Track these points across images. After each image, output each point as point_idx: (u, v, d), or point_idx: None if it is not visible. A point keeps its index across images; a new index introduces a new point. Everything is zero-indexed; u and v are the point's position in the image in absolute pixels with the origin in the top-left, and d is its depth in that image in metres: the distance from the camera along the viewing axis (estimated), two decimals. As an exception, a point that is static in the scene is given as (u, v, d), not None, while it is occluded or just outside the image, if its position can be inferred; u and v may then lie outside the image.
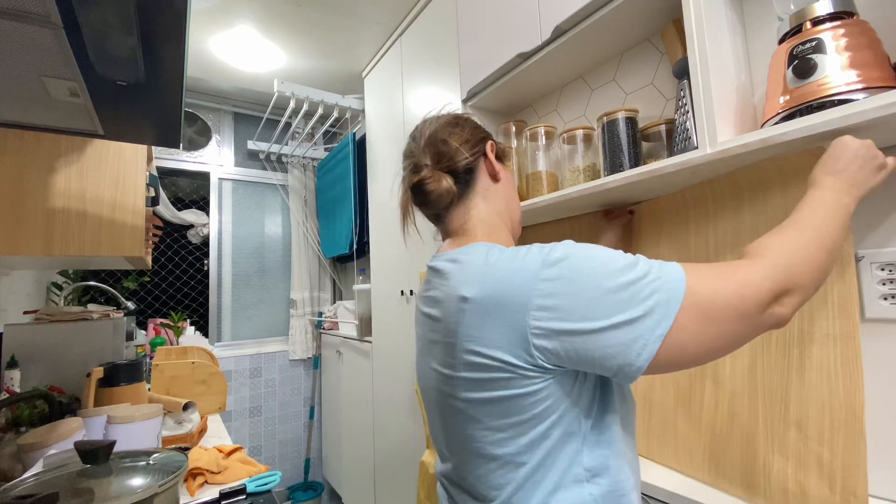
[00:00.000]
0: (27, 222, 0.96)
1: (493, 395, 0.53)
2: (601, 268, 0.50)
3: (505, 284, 0.52)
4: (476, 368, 0.54)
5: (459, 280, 0.57)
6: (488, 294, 0.53)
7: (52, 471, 0.66)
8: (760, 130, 0.73)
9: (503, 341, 0.51)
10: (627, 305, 0.47)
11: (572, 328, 0.48)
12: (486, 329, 0.53)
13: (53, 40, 0.56)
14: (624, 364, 0.48)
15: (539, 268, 0.51)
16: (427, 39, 1.71)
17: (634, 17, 1.02)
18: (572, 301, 0.49)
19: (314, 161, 3.05)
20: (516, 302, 0.51)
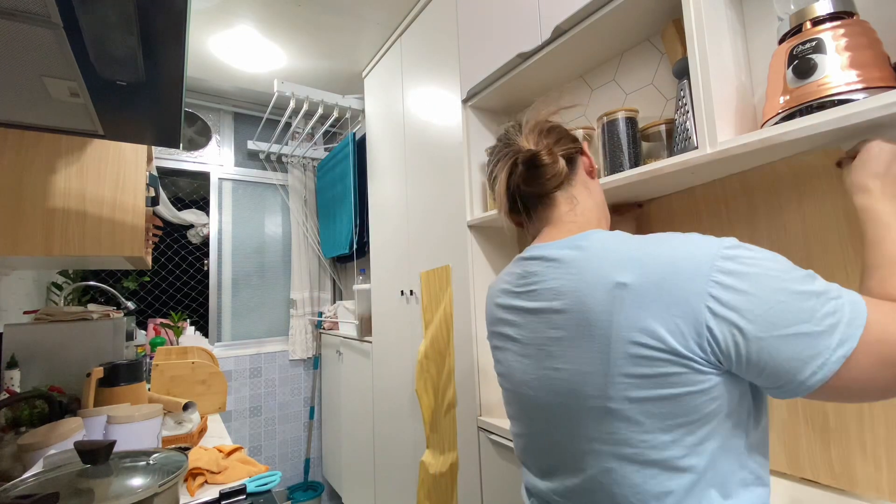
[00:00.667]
0: (27, 222, 0.96)
1: (661, 392, 0.48)
2: (784, 272, 0.46)
3: (674, 268, 0.48)
4: (642, 362, 0.48)
5: (601, 265, 0.52)
6: (653, 278, 0.48)
7: (52, 471, 0.66)
8: (760, 130, 0.73)
9: (675, 329, 0.46)
10: (811, 316, 0.44)
11: (751, 330, 0.45)
12: (653, 316, 0.47)
13: (53, 40, 0.56)
14: (794, 379, 0.44)
15: (715, 255, 0.47)
16: (427, 39, 1.71)
17: (634, 17, 1.02)
18: (753, 299, 0.45)
19: (314, 161, 3.05)
20: (690, 287, 0.46)
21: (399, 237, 1.91)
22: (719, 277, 0.46)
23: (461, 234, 1.47)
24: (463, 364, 1.45)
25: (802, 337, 0.44)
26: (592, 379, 0.52)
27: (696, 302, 0.46)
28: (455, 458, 1.48)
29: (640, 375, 0.48)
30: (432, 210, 1.66)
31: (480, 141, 1.48)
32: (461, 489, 1.46)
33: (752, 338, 0.45)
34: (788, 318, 0.44)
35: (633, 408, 0.49)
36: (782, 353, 0.44)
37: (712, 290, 0.46)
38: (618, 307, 0.49)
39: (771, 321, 0.44)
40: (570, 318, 0.54)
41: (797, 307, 0.44)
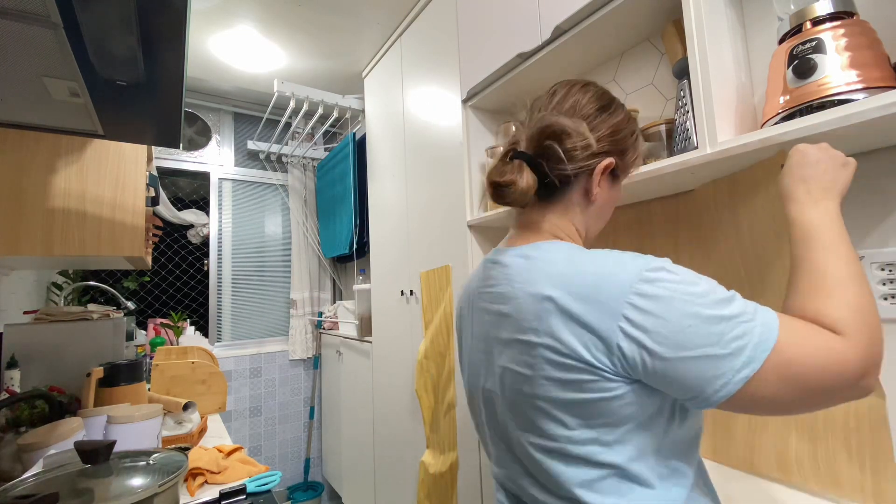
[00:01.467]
0: (27, 222, 0.97)
1: (578, 396, 0.52)
2: (699, 296, 0.48)
3: (595, 288, 0.51)
4: (560, 368, 0.52)
5: (537, 277, 0.56)
6: (576, 295, 0.52)
7: (52, 471, 0.66)
8: (760, 130, 0.73)
9: (588, 343, 0.50)
10: (718, 339, 0.46)
11: (658, 350, 0.48)
12: (571, 330, 0.51)
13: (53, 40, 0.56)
14: (698, 395, 0.48)
15: (635, 279, 0.50)
16: (427, 39, 1.71)
17: (634, 17, 1.02)
18: (664, 324, 0.48)
19: (314, 161, 3.05)
20: (606, 307, 0.50)
21: (399, 237, 1.91)
22: (634, 300, 0.49)
23: (461, 234, 1.47)
24: (463, 364, 1.45)
25: (707, 359, 0.47)
26: (526, 380, 0.56)
27: (609, 321, 0.50)
28: (455, 458, 1.48)
29: (559, 380, 0.53)
30: (432, 210, 1.66)
31: (480, 141, 1.48)
32: (461, 489, 1.46)
33: (658, 358, 0.48)
34: (695, 341, 0.47)
35: (557, 408, 0.54)
36: (687, 373, 0.47)
37: (626, 312, 0.49)
38: (544, 318, 0.53)
39: (678, 343, 0.47)
40: (510, 322, 0.58)
41: (705, 331, 0.47)
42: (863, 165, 0.79)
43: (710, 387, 0.47)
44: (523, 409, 0.58)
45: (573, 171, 0.61)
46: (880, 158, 0.77)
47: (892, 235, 0.76)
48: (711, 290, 0.49)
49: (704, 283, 0.50)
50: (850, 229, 0.79)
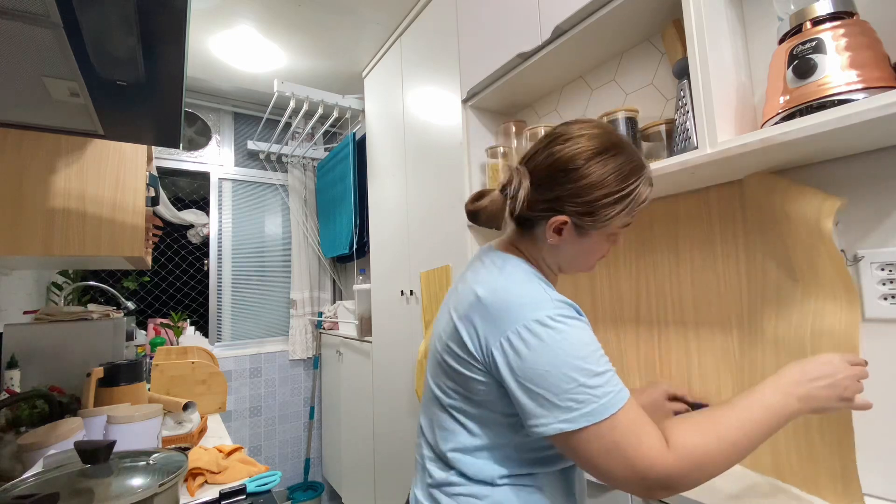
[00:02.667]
0: (27, 222, 0.96)
1: (456, 367, 0.64)
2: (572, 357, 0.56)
3: (506, 304, 0.60)
4: (454, 343, 0.65)
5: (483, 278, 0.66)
6: (491, 302, 0.62)
7: (52, 471, 0.66)
8: (760, 130, 0.73)
9: (474, 336, 0.62)
10: (558, 392, 0.55)
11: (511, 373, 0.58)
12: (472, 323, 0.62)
13: (53, 40, 0.56)
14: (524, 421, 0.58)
15: (531, 317, 0.58)
16: (427, 39, 1.71)
17: (634, 17, 1.02)
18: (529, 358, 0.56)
19: (314, 161, 3.05)
20: (501, 324, 0.59)
21: (399, 237, 1.91)
22: (521, 331, 0.57)
23: (461, 234, 1.47)
24: (463, 364, 1.45)
25: (542, 399, 0.56)
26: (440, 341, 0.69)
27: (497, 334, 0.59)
28: (455, 458, 1.48)
29: (452, 351, 0.65)
30: (432, 210, 1.66)
31: (480, 141, 1.48)
32: (461, 489, 1.46)
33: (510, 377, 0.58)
34: (541, 383, 0.56)
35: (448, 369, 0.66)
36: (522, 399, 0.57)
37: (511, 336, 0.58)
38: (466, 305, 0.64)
39: (529, 377, 0.56)
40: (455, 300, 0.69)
41: (554, 381, 0.55)
42: (863, 165, 0.79)
43: (532, 420, 0.56)
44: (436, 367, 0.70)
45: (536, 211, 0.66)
46: (880, 158, 0.77)
47: (892, 235, 0.76)
48: (585, 357, 0.56)
49: (583, 349, 0.57)
50: (850, 229, 0.80)
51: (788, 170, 0.87)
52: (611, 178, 0.63)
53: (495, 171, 1.36)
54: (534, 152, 0.68)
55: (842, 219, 0.81)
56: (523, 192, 0.65)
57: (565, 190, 0.64)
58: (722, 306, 0.97)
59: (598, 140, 0.64)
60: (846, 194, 0.80)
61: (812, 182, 0.84)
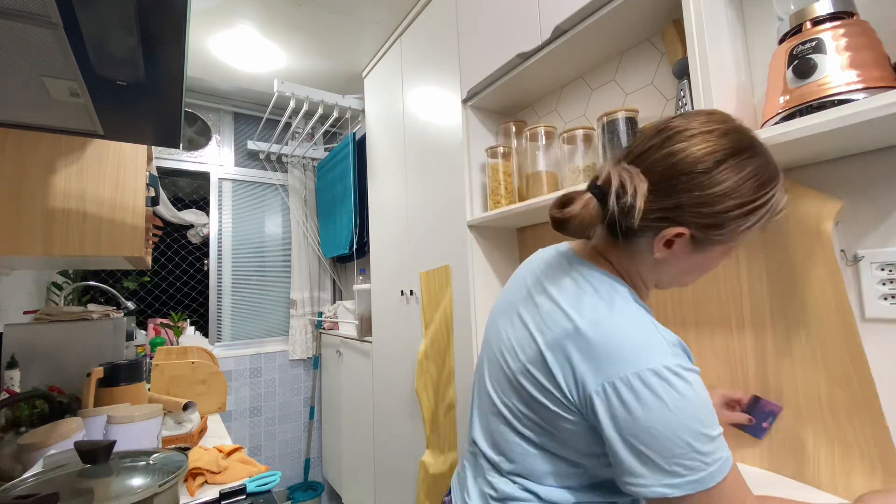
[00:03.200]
0: (27, 222, 0.96)
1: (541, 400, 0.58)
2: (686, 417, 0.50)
3: (615, 345, 0.53)
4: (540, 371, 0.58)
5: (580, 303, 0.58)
6: (595, 338, 0.54)
7: (52, 471, 0.66)
8: (760, 130, 0.73)
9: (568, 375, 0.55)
10: (670, 455, 0.49)
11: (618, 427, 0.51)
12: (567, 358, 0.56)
13: (53, 40, 0.55)
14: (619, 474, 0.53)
15: (647, 366, 0.51)
16: (427, 39, 1.71)
17: (634, 17, 1.02)
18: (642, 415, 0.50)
19: (314, 161, 3.05)
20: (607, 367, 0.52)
21: (399, 237, 1.91)
22: (634, 381, 0.51)
23: (461, 234, 1.47)
24: (463, 364, 1.45)
25: (645, 458, 0.50)
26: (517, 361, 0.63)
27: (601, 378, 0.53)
28: (455, 458, 1.48)
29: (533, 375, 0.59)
30: (432, 210, 1.66)
31: (480, 141, 1.48)
32: (461, 489, 1.46)
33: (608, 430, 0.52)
34: (651, 443, 0.50)
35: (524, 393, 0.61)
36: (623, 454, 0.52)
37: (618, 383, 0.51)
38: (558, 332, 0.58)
39: (637, 433, 0.50)
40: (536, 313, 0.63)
41: (666, 444, 0.50)
42: (863, 165, 0.79)
43: (630, 477, 0.51)
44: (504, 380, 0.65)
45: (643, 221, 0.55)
46: (880, 158, 0.77)
47: (892, 235, 0.76)
48: (702, 420, 0.50)
49: (700, 413, 0.51)
50: (850, 229, 0.80)
51: (788, 170, 0.87)
52: (748, 184, 0.53)
53: (495, 171, 1.36)
54: (645, 149, 0.57)
55: (842, 219, 0.81)
56: (640, 199, 0.54)
57: (691, 198, 0.53)
58: (722, 306, 0.97)
59: (732, 139, 0.54)
60: (846, 194, 0.80)
61: (812, 182, 0.84)
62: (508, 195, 1.34)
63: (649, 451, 0.50)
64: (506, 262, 1.50)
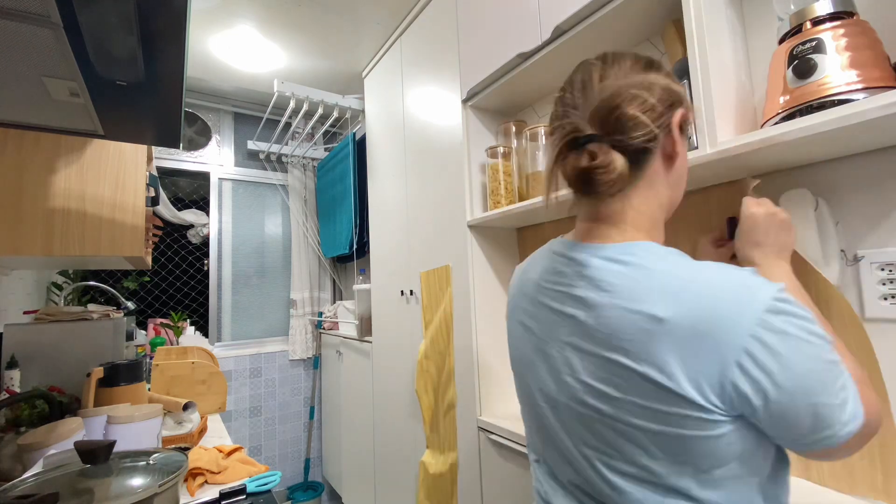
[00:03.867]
0: (27, 222, 0.96)
1: (671, 430, 0.46)
2: (818, 337, 0.44)
3: (714, 311, 0.45)
4: (656, 399, 0.46)
5: (638, 291, 0.49)
6: (690, 318, 0.45)
7: (52, 471, 0.66)
8: (760, 130, 0.73)
9: (696, 376, 0.44)
10: (831, 387, 0.44)
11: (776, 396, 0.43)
12: (680, 359, 0.45)
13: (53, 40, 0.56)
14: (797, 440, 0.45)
15: (761, 309, 0.44)
16: (427, 39, 1.71)
17: (634, 17, 1.02)
18: (788, 365, 0.43)
19: (314, 161, 3.05)
20: (726, 338, 0.44)
21: (399, 237, 1.91)
22: (761, 333, 0.43)
23: (461, 234, 1.47)
24: (463, 364, 1.45)
25: (822, 408, 0.43)
26: (609, 400, 0.50)
27: (728, 356, 0.44)
28: (455, 458, 1.48)
29: (651, 409, 0.47)
30: (432, 210, 1.66)
31: (480, 141, 1.48)
32: (461, 489, 1.46)
33: (773, 400, 0.43)
34: (815, 387, 0.43)
35: (641, 435, 0.48)
36: (799, 419, 0.44)
37: (750, 346, 0.43)
38: (643, 338, 0.47)
39: (798, 388, 0.43)
40: (587, 331, 0.52)
41: (822, 378, 0.44)
42: (863, 165, 0.79)
43: (816, 435, 0.44)
44: (598, 428, 0.52)
45: (653, 132, 0.53)
46: (880, 158, 0.77)
47: (892, 235, 0.76)
48: (822, 328, 0.45)
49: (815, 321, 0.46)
50: (850, 229, 0.80)
51: (789, 170, 0.87)
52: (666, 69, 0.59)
53: (495, 171, 1.36)
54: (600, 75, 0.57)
55: (842, 219, 0.81)
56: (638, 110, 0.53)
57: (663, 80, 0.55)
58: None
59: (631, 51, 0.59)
60: (846, 194, 0.80)
61: (812, 182, 0.84)
62: (508, 195, 1.34)
63: (815, 399, 0.43)
64: (506, 262, 1.50)
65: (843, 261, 0.80)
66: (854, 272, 0.80)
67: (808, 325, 0.44)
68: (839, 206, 0.81)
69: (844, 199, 0.81)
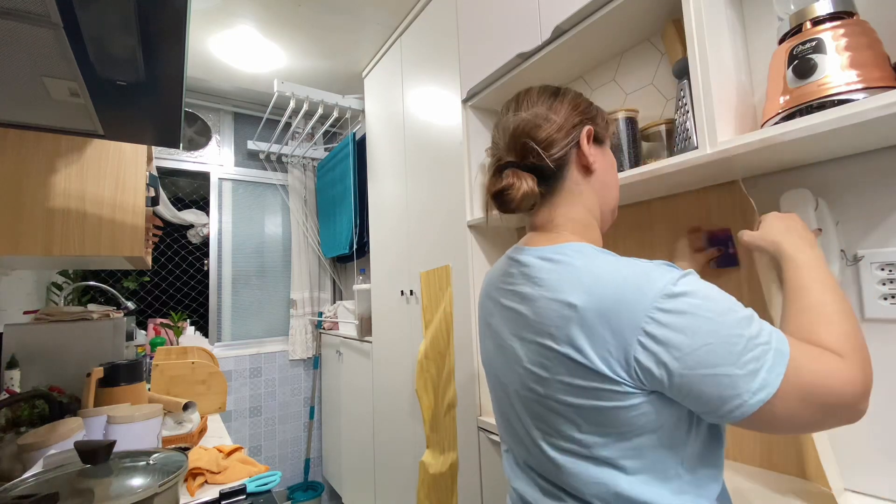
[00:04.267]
0: (27, 222, 0.96)
1: (592, 403, 0.53)
2: (719, 314, 0.48)
3: (616, 298, 0.51)
4: (576, 373, 0.53)
5: (560, 283, 0.56)
6: (597, 305, 0.51)
7: (52, 471, 0.66)
8: (760, 130, 0.73)
9: (604, 354, 0.51)
10: (736, 359, 0.47)
11: (675, 367, 0.48)
12: (590, 339, 0.52)
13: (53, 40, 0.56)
14: (716, 411, 0.48)
15: (658, 294, 0.49)
16: (427, 39, 1.71)
17: (634, 17, 1.02)
18: (683, 340, 0.48)
19: (314, 161, 3.05)
20: (627, 321, 0.50)
21: (399, 237, 1.91)
22: (657, 315, 0.49)
23: (461, 234, 1.47)
24: (463, 364, 1.45)
25: (724, 378, 0.47)
26: (541, 380, 0.57)
27: (629, 335, 0.49)
28: (455, 458, 1.48)
29: (574, 386, 0.54)
30: (432, 210, 1.66)
31: (480, 141, 1.48)
32: (461, 489, 1.46)
33: (675, 373, 0.48)
34: (713, 360, 0.47)
35: (570, 410, 0.55)
36: (704, 390, 0.48)
37: (647, 326, 0.49)
38: (562, 323, 0.54)
39: (696, 361, 0.47)
40: (528, 323, 0.59)
41: (724, 350, 0.47)
42: (863, 165, 0.79)
43: (727, 406, 0.47)
44: (537, 409, 0.59)
45: (561, 149, 0.63)
46: (880, 158, 0.77)
47: (892, 235, 0.76)
48: (732, 308, 0.49)
49: (725, 301, 0.50)
50: (850, 229, 0.80)
51: (788, 170, 0.87)
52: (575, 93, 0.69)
53: (495, 171, 1.36)
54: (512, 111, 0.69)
55: (842, 219, 0.81)
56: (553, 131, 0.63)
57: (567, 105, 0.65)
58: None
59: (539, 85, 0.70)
60: (846, 194, 0.80)
61: (812, 182, 0.84)
62: (508, 195, 1.34)
63: (718, 370, 0.47)
64: (506, 262, 1.50)
65: (843, 261, 0.80)
66: (854, 272, 0.80)
67: (706, 304, 0.49)
68: (839, 206, 0.81)
69: (844, 199, 0.81)
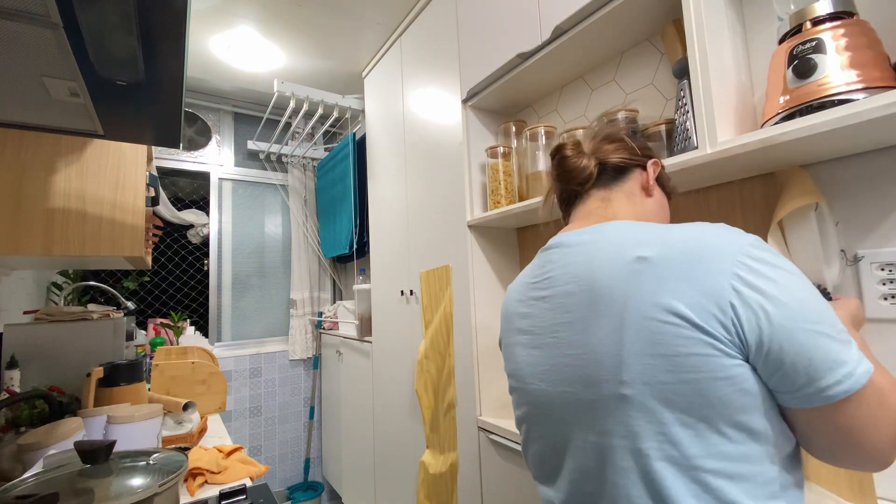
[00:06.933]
0: (27, 222, 0.96)
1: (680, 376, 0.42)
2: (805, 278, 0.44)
3: (699, 244, 0.45)
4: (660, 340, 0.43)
5: (620, 242, 0.50)
6: (676, 252, 0.45)
7: (52, 471, 0.66)
8: (760, 130, 0.73)
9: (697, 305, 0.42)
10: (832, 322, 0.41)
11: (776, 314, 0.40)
12: (674, 291, 0.44)
13: (53, 40, 0.56)
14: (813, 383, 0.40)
15: (745, 243, 0.44)
16: (427, 40, 1.71)
17: (634, 17, 1.02)
18: (780, 286, 0.41)
19: (314, 161, 3.05)
20: (715, 264, 0.43)
21: (399, 237, 1.91)
22: (747, 261, 0.43)
23: (461, 234, 1.47)
24: (463, 364, 1.45)
25: (826, 338, 0.40)
26: (605, 361, 0.47)
27: (721, 279, 0.42)
28: (455, 458, 1.48)
29: (656, 355, 0.44)
30: (432, 210, 1.66)
31: (480, 141, 1.48)
32: (461, 489, 1.46)
33: (777, 324, 0.41)
34: (813, 315, 0.41)
35: (649, 392, 0.44)
36: (808, 349, 0.40)
37: (738, 270, 0.43)
38: (634, 282, 0.46)
39: (798, 311, 0.41)
40: (582, 297, 0.51)
41: (820, 308, 0.41)
42: (863, 165, 0.79)
43: (833, 375, 0.39)
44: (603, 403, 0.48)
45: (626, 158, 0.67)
46: (880, 158, 0.77)
47: (892, 235, 0.76)
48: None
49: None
50: (850, 229, 0.80)
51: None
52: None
53: (495, 171, 1.36)
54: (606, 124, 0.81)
55: (842, 219, 0.81)
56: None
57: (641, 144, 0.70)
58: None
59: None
60: (846, 194, 0.80)
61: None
62: (508, 195, 1.34)
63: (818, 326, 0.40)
64: (506, 262, 1.50)
65: (842, 261, 0.80)
66: (854, 272, 0.80)
67: (788, 264, 0.45)
68: (839, 206, 0.81)
69: (844, 199, 0.81)
